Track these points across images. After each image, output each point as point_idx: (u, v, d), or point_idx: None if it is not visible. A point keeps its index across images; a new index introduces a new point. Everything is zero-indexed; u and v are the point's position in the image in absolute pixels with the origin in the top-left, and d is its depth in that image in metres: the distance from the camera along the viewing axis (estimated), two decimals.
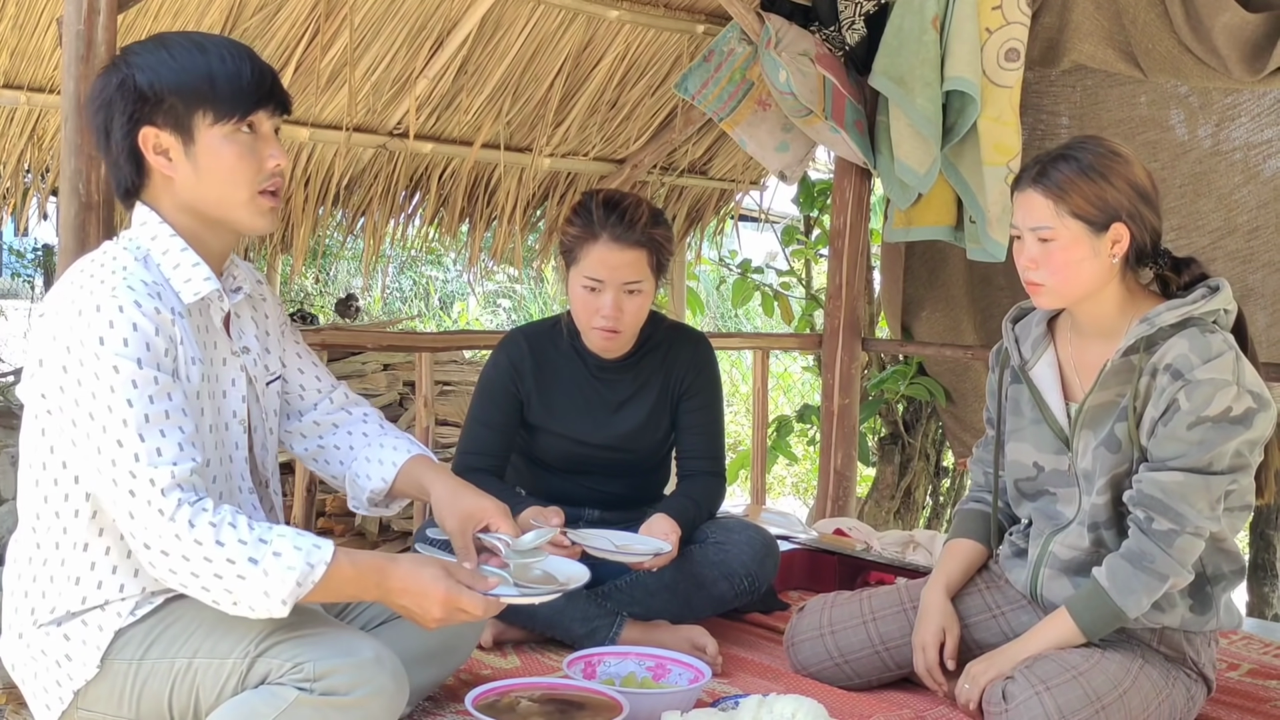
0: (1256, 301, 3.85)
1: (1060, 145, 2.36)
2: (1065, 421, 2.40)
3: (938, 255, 4.47)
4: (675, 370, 2.98)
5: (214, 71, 1.98)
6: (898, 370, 4.86)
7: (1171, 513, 2.21)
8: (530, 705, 2.21)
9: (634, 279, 2.78)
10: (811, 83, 3.78)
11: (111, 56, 2.23)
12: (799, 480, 8.79)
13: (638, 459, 3.01)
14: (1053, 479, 2.44)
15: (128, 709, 1.95)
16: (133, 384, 1.84)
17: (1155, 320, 2.25)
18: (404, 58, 3.91)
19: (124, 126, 1.98)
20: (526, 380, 2.95)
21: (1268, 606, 4.68)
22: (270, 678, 1.87)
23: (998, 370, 2.58)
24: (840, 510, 4.35)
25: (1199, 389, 2.18)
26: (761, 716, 2.09)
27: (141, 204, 2.04)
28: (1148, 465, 2.26)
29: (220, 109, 1.98)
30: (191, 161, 1.99)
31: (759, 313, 7.33)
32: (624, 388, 2.97)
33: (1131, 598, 2.23)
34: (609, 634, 2.73)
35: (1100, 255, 2.27)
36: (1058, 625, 2.31)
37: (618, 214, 2.76)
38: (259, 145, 2.02)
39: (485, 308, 11.70)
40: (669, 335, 3.02)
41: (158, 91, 1.97)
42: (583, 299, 2.81)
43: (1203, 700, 2.41)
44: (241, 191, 2.01)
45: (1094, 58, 3.58)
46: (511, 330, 3.08)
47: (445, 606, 1.92)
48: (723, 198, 5.16)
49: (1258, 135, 3.77)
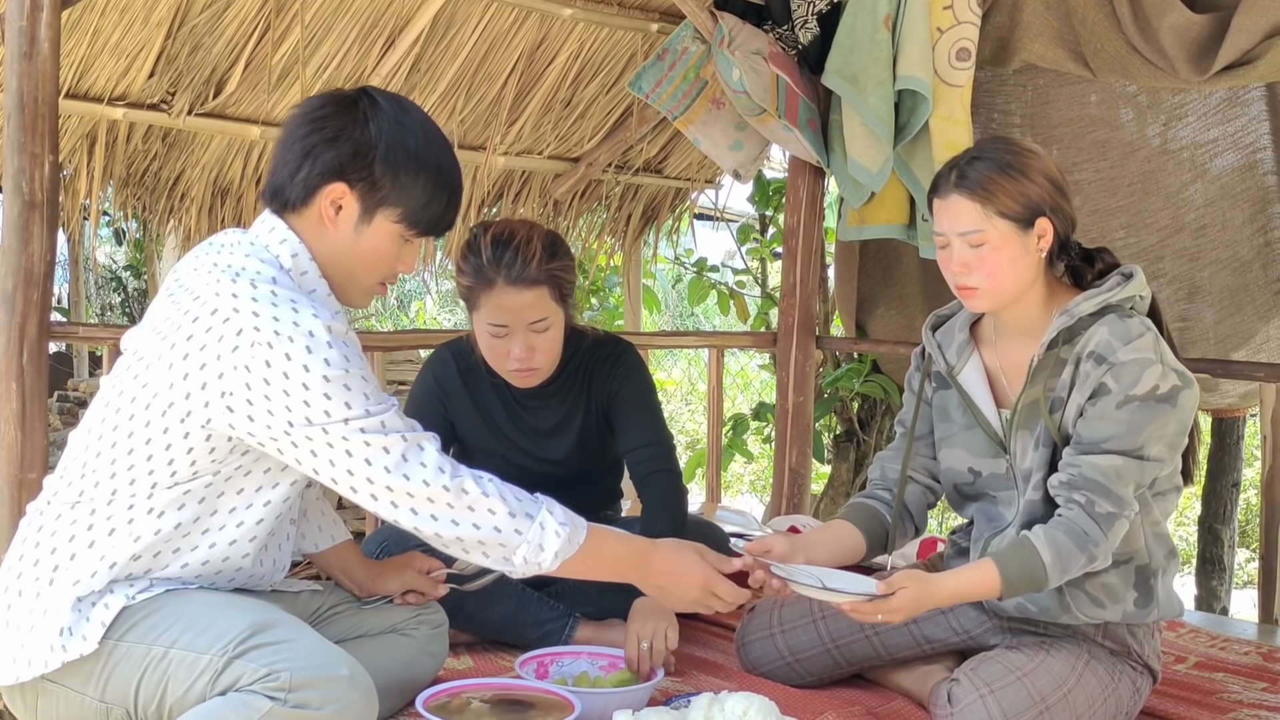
0: (1204, 299, 3.89)
1: (968, 149, 2.35)
2: (999, 425, 2.40)
3: (891, 253, 4.49)
4: (599, 387, 2.88)
5: (433, 191, 2.06)
6: (852, 368, 4.88)
7: (1114, 496, 2.20)
8: (481, 706, 2.20)
9: (539, 317, 2.66)
10: (765, 81, 3.79)
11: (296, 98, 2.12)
12: (755, 478, 8.83)
13: (582, 474, 2.96)
14: (991, 483, 2.43)
15: (94, 688, 1.94)
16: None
17: (1074, 311, 2.27)
18: (356, 55, 3.88)
19: (326, 165, 2.02)
20: (454, 401, 2.90)
21: (1216, 600, 4.74)
22: (242, 683, 1.86)
23: (919, 375, 2.56)
24: (795, 508, 4.37)
25: (1125, 369, 2.19)
26: (713, 715, 2.09)
27: (290, 226, 2.06)
28: (1079, 448, 2.24)
29: (411, 223, 2.07)
30: (355, 233, 2.05)
31: (715, 311, 7.35)
32: (550, 414, 2.90)
33: (1063, 575, 2.19)
34: (562, 636, 2.73)
35: (1030, 252, 2.27)
36: (981, 575, 2.21)
37: (510, 253, 2.62)
38: (405, 252, 2.11)
39: (443, 307, 11.66)
40: (589, 354, 2.90)
41: (379, 171, 2.02)
42: (490, 345, 2.71)
43: (1148, 691, 2.43)
44: (371, 279, 2.11)
45: (1044, 57, 3.62)
46: (439, 348, 2.98)
47: (703, 589, 2.14)
48: (678, 196, 5.16)
49: (1204, 134, 3.82)
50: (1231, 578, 4.81)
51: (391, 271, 2.12)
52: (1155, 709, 2.51)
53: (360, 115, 2.02)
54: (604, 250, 5.25)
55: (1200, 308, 3.87)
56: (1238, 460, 4.81)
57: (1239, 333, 3.86)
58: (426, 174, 2.05)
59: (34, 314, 2.56)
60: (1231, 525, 4.77)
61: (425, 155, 2.05)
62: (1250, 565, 7.43)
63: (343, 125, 2.01)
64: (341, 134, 2.01)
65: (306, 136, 2.03)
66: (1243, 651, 3.03)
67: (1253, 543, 7.71)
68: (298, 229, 2.06)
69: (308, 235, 2.06)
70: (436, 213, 2.09)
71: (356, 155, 2.00)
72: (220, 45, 3.64)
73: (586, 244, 5.10)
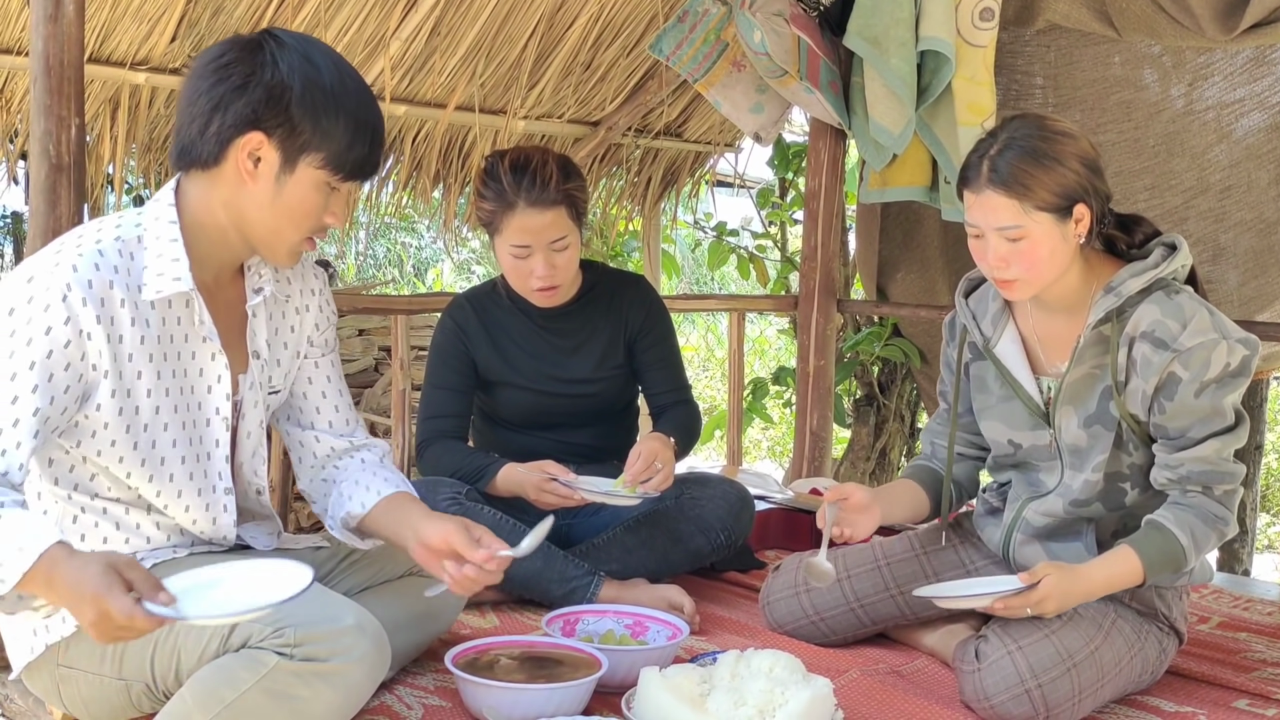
0: (1228, 260, 3.87)
1: (997, 131, 2.26)
2: (1038, 397, 2.39)
3: (912, 216, 4.48)
4: (623, 311, 3.04)
5: (355, 130, 1.92)
6: (873, 332, 4.87)
7: (1226, 476, 2.23)
8: (510, 663, 2.22)
9: (558, 235, 2.81)
10: (786, 43, 3.77)
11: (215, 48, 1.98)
12: (774, 443, 8.83)
13: (600, 403, 3.04)
14: (1033, 454, 2.43)
15: (110, 667, 1.96)
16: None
17: (1121, 290, 2.24)
18: (376, 18, 3.87)
19: (239, 115, 1.88)
20: (475, 340, 2.98)
21: (1238, 563, 4.74)
22: (251, 641, 1.86)
23: (955, 345, 2.54)
24: (816, 471, 4.38)
25: (1193, 355, 2.17)
26: (739, 671, 2.11)
27: (181, 182, 1.97)
28: (1173, 444, 2.24)
29: (336, 167, 1.94)
30: (277, 185, 1.93)
31: (734, 276, 7.34)
32: (572, 334, 3.01)
33: (1199, 553, 2.24)
34: (587, 594, 2.75)
35: (1068, 239, 2.23)
36: (1123, 562, 2.22)
37: (529, 177, 2.77)
38: (333, 201, 1.99)
39: (460, 274, 11.65)
40: (611, 281, 3.08)
41: (297, 115, 1.89)
42: (513, 265, 2.85)
43: (1174, 652, 2.44)
44: (296, 234, 1.99)
45: (1068, 17, 3.59)
46: (454, 295, 3.11)
47: (95, 607, 1.60)
48: (698, 160, 5.15)
49: (1230, 94, 3.79)
50: (1254, 540, 4.81)
51: (320, 224, 1.99)
52: (1179, 667, 2.52)
53: (268, 57, 1.88)
54: (623, 215, 5.24)
55: (1225, 269, 3.85)
56: (1260, 424, 4.80)
57: (1263, 294, 3.85)
58: (346, 113, 1.91)
59: None
60: (1254, 489, 4.77)
61: (342, 93, 1.91)
62: (1271, 529, 7.43)
63: (251, 70, 1.88)
64: (250, 79, 1.87)
65: (213, 87, 1.88)
66: (1265, 612, 3.04)
67: (1274, 506, 7.70)
68: (207, 188, 1.94)
69: (216, 193, 1.94)
70: (361, 154, 1.95)
71: (270, 100, 1.87)
72: (241, 9, 3.63)
73: (606, 208, 5.10)
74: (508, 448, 2.99)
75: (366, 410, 4.59)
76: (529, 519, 2.81)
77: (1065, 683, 2.18)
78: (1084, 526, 2.39)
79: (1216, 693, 2.46)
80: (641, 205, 5.15)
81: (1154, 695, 2.42)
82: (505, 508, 2.81)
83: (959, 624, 2.58)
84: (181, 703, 1.88)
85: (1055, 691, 2.18)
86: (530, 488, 2.76)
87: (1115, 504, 2.36)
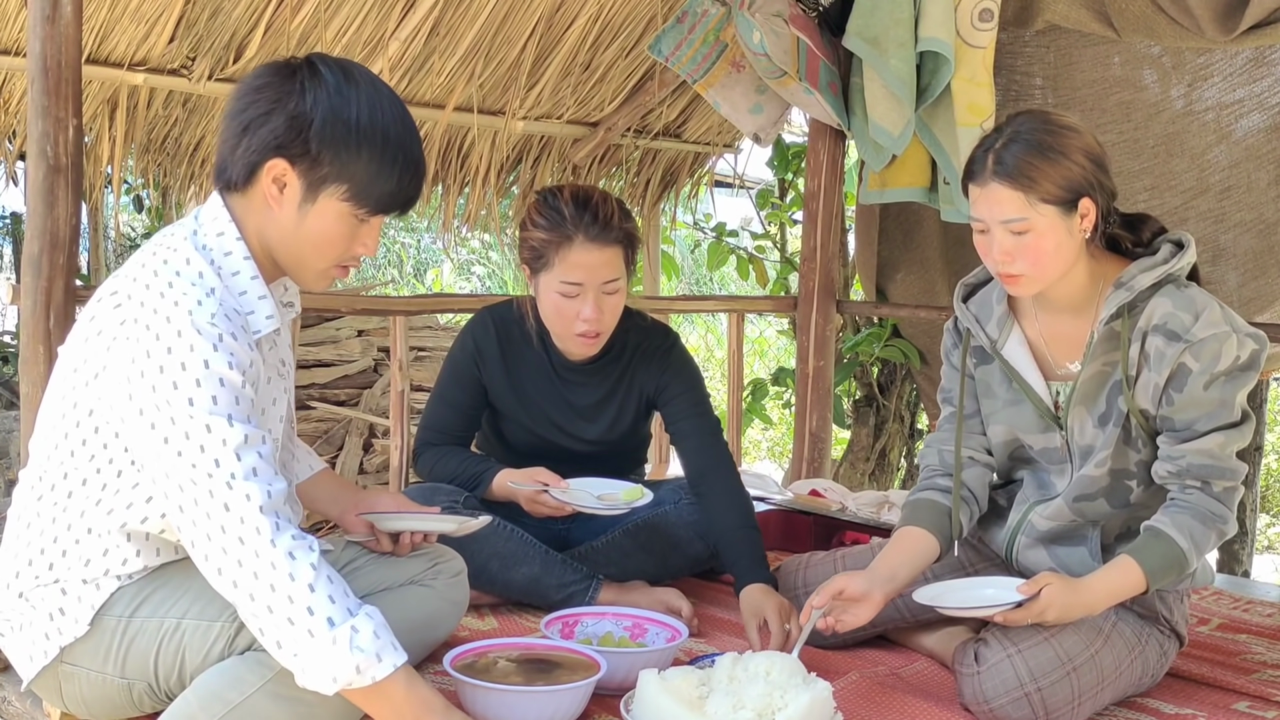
0: (1228, 261, 3.87)
1: (1002, 126, 2.25)
2: (1049, 399, 2.38)
3: (912, 217, 4.47)
4: (646, 377, 2.89)
5: (381, 165, 1.90)
6: (872, 333, 4.87)
7: (1227, 471, 2.22)
8: (508, 665, 2.21)
9: (612, 276, 2.68)
10: (785, 44, 3.76)
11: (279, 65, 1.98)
12: (774, 444, 8.83)
13: (612, 451, 2.98)
14: (1044, 456, 2.42)
15: (113, 666, 1.96)
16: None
17: (1133, 286, 2.23)
18: (375, 19, 3.87)
19: (263, 141, 1.89)
20: (491, 366, 2.89)
21: (1237, 564, 4.74)
22: (256, 645, 1.86)
23: (959, 350, 2.52)
24: (816, 472, 4.37)
25: (1204, 347, 2.17)
26: (737, 674, 2.10)
27: (227, 204, 1.96)
28: (1178, 436, 2.23)
29: (361, 201, 1.93)
30: (299, 213, 1.92)
31: (734, 277, 7.33)
32: (591, 391, 2.90)
33: (1200, 554, 2.23)
34: (586, 597, 2.74)
35: (1074, 234, 2.21)
36: (1126, 572, 2.21)
37: (590, 212, 2.65)
38: (362, 232, 1.97)
39: (459, 275, 11.64)
40: (637, 339, 2.91)
41: (318, 147, 1.88)
42: (558, 305, 2.69)
43: (1174, 655, 2.43)
44: (322, 262, 1.98)
45: (1068, 18, 3.58)
46: (481, 311, 2.97)
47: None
48: (697, 161, 5.15)
49: (1229, 95, 3.78)
50: (1253, 541, 4.80)
51: (348, 254, 1.98)
52: (1180, 669, 2.52)
53: (297, 86, 1.88)
54: None
55: (1224, 270, 3.85)
56: (1261, 424, 4.80)
57: (1263, 295, 3.84)
58: (371, 147, 1.89)
59: (60, 278, 2.56)
60: (1254, 490, 4.76)
61: (369, 127, 1.89)
62: (1271, 530, 7.43)
63: (278, 97, 1.88)
64: (276, 106, 1.87)
65: (244, 110, 1.90)
66: (1265, 614, 3.04)
67: (1274, 507, 7.70)
68: (243, 210, 1.95)
69: (254, 216, 1.94)
70: (389, 189, 1.93)
71: (291, 129, 1.87)
72: (240, 10, 3.63)
73: None
74: (512, 463, 2.96)
75: (365, 411, 4.59)
76: (527, 524, 2.81)
77: (1065, 686, 2.18)
78: (1089, 531, 2.38)
79: (1216, 695, 2.45)
80: (641, 206, 5.14)
81: (1154, 697, 2.41)
82: (503, 513, 2.79)
83: (958, 626, 2.57)
84: (186, 705, 1.88)
85: (1054, 695, 2.17)
86: (522, 499, 2.73)
87: (1120, 501, 2.35)
